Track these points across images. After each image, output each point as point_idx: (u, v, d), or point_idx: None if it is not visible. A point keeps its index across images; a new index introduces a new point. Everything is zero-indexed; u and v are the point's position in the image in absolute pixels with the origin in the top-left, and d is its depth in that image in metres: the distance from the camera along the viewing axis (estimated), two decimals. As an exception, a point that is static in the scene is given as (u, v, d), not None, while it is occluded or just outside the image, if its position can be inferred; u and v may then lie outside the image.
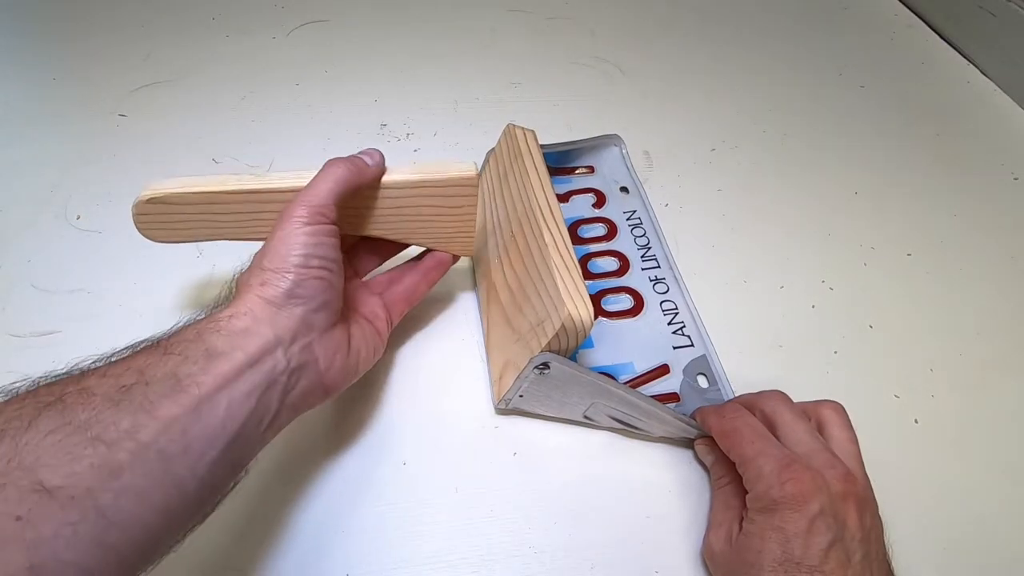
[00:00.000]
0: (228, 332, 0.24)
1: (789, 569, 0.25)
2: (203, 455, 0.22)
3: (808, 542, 0.25)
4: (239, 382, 0.23)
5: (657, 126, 0.54)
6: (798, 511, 0.25)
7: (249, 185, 0.30)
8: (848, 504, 0.26)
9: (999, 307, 0.43)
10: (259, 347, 0.24)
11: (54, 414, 0.19)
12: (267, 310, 0.25)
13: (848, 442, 0.29)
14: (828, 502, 0.25)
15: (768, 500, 0.26)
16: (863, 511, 0.26)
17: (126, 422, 0.20)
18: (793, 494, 0.25)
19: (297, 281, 0.26)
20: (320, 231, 0.27)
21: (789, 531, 0.25)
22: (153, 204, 0.30)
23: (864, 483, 0.28)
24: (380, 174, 0.31)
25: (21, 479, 0.18)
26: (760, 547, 0.26)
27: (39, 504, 0.17)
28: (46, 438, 0.19)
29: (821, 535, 0.25)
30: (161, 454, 0.20)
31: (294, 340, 0.26)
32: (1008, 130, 0.56)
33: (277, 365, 0.25)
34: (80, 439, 0.19)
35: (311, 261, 0.26)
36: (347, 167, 0.29)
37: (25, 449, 0.18)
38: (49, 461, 0.18)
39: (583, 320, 0.28)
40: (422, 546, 0.31)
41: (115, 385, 0.21)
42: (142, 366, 0.22)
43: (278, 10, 0.64)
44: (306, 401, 0.27)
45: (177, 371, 0.22)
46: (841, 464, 0.27)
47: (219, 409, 0.22)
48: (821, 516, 0.25)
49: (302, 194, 0.28)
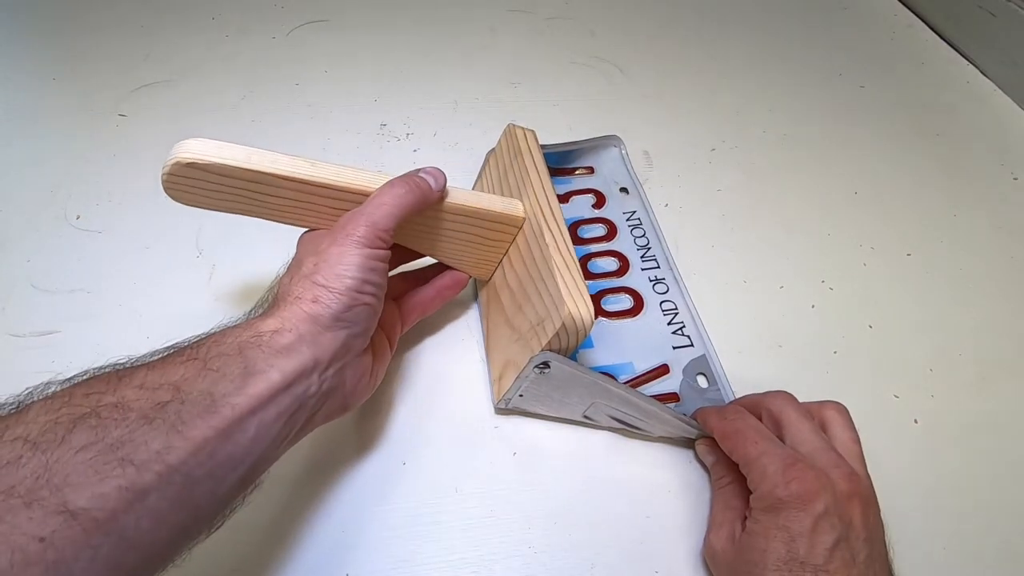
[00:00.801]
0: (269, 349, 0.23)
1: (793, 568, 0.25)
2: (225, 479, 0.22)
3: (813, 541, 0.25)
4: (271, 405, 0.23)
5: (657, 126, 0.54)
6: (803, 510, 0.25)
7: (303, 173, 0.28)
8: (853, 504, 0.26)
9: (999, 307, 0.43)
10: (297, 369, 0.24)
11: (87, 429, 0.19)
12: (313, 329, 0.25)
13: (851, 442, 0.29)
14: (833, 501, 0.25)
15: (773, 499, 0.26)
16: (867, 511, 0.26)
17: (157, 443, 0.20)
18: (798, 493, 0.25)
19: (349, 305, 0.25)
20: (377, 255, 0.26)
21: (794, 530, 0.25)
22: (192, 168, 0.27)
23: (868, 483, 0.28)
24: (442, 198, 0.30)
25: (48, 499, 0.18)
26: (764, 546, 0.26)
27: (63, 527, 0.18)
28: (77, 455, 0.19)
29: (826, 534, 0.25)
30: (187, 478, 0.20)
31: (331, 364, 0.25)
32: (1008, 130, 0.56)
33: (310, 388, 0.24)
34: (110, 459, 0.19)
35: (365, 287, 0.26)
36: (414, 191, 0.28)
37: (55, 466, 0.18)
38: (77, 480, 0.18)
39: (583, 319, 0.28)
40: (422, 546, 0.31)
41: (151, 400, 0.21)
42: (179, 381, 0.22)
43: (278, 10, 0.64)
44: (325, 420, 0.27)
45: (213, 390, 0.22)
46: (845, 464, 0.27)
47: (248, 433, 0.22)
48: (826, 515, 0.25)
49: (365, 212, 0.27)
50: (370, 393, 0.30)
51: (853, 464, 0.28)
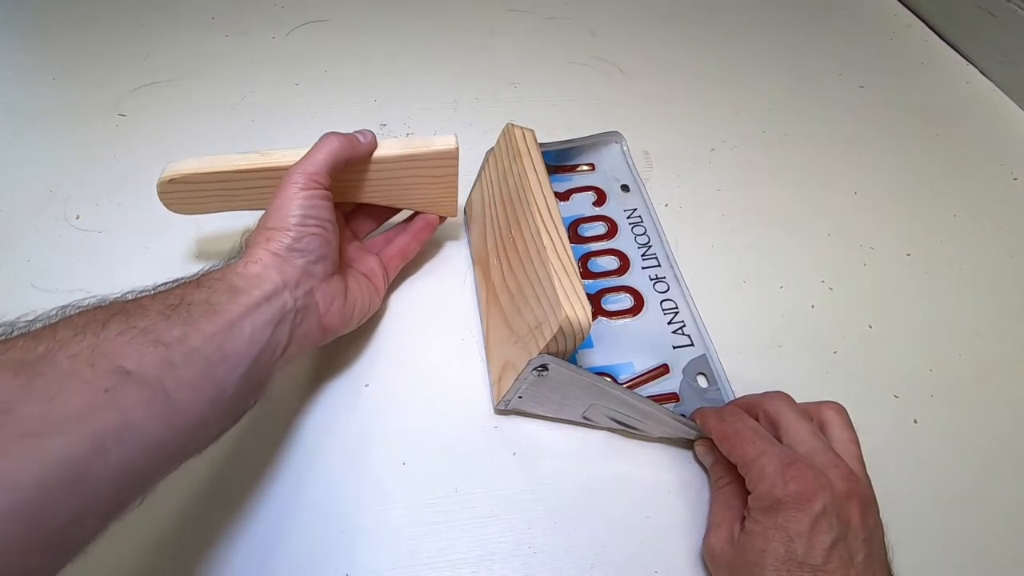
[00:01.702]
0: (245, 275, 0.28)
1: (792, 568, 0.25)
2: (236, 367, 0.26)
3: (811, 541, 0.25)
4: (258, 313, 0.27)
5: (657, 126, 0.54)
6: (801, 510, 0.25)
7: (256, 163, 0.35)
8: (851, 504, 0.26)
9: (999, 307, 0.43)
10: (270, 288, 0.29)
11: (120, 319, 0.23)
12: (274, 260, 0.29)
13: (850, 443, 0.29)
14: (831, 501, 0.26)
15: (771, 499, 0.26)
16: (866, 511, 0.26)
17: (177, 331, 0.24)
18: (796, 493, 0.26)
19: (296, 237, 0.30)
20: (314, 195, 0.31)
21: (792, 530, 0.25)
22: (174, 184, 0.35)
23: (866, 483, 0.28)
24: (371, 150, 0.35)
25: (104, 363, 0.22)
26: (763, 546, 0.26)
27: (121, 381, 0.21)
28: (117, 337, 0.23)
29: (824, 534, 0.25)
30: (206, 360, 0.25)
31: (297, 285, 0.30)
32: (1008, 130, 0.56)
33: (286, 304, 0.29)
34: (144, 340, 0.23)
35: (307, 221, 0.31)
36: (340, 140, 0.33)
37: (102, 345, 0.22)
38: (122, 352, 0.22)
39: (580, 322, 0.28)
40: (422, 546, 0.31)
41: (164, 304, 0.25)
42: (182, 293, 0.26)
43: (278, 10, 0.64)
44: (309, 337, 0.31)
45: (210, 299, 0.26)
46: (844, 464, 0.27)
47: (245, 332, 0.27)
48: (824, 515, 0.25)
49: (299, 163, 0.32)
50: (351, 323, 0.34)
51: (852, 464, 0.28)
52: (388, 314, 0.40)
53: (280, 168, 0.34)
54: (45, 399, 0.20)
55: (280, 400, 0.35)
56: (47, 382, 0.20)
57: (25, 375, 0.20)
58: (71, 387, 0.20)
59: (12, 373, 0.20)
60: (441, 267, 0.43)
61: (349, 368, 0.37)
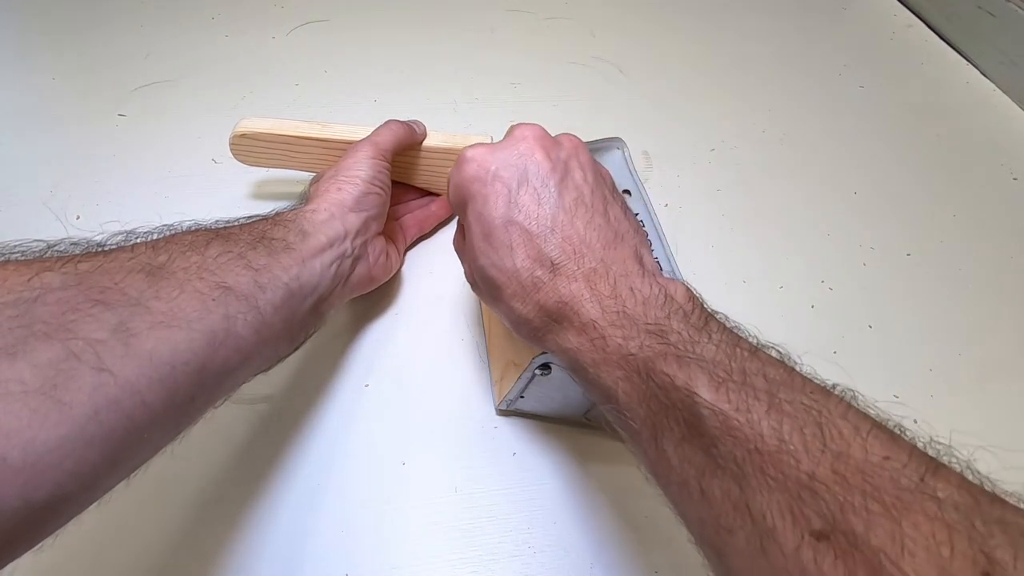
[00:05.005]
0: (314, 221, 0.32)
1: (509, 226, 0.26)
2: (306, 299, 0.30)
3: (495, 204, 0.26)
4: (324, 254, 0.31)
5: (657, 126, 0.54)
6: (475, 191, 0.27)
7: (316, 134, 0.41)
8: (521, 156, 0.27)
9: (999, 307, 0.43)
10: (335, 234, 0.32)
11: (219, 242, 0.27)
12: (340, 211, 0.33)
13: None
14: (494, 167, 0.27)
15: (455, 200, 0.28)
16: (542, 155, 0.27)
17: (263, 259, 0.28)
18: (464, 180, 0.27)
19: (364, 192, 0.35)
20: (380, 165, 0.36)
21: (479, 206, 0.27)
22: (245, 138, 0.41)
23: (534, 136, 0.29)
24: (423, 139, 0.42)
25: (209, 278, 0.25)
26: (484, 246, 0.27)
27: (223, 294, 0.25)
28: (217, 258, 0.26)
29: (501, 191, 0.26)
30: (286, 287, 0.28)
31: (356, 235, 0.34)
32: (1008, 130, 0.56)
33: (346, 249, 0.33)
34: (239, 263, 0.26)
35: (375, 180, 0.36)
36: (404, 127, 0.39)
37: (208, 260, 0.25)
38: (223, 271, 0.26)
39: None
40: (422, 546, 0.31)
41: (249, 235, 0.29)
42: (263, 229, 0.30)
43: (278, 10, 0.64)
44: (361, 283, 0.35)
45: (286, 237, 0.30)
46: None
47: (316, 269, 0.30)
48: (496, 179, 0.27)
49: (370, 137, 0.38)
50: (389, 274, 0.38)
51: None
52: (388, 314, 0.40)
53: (334, 141, 0.40)
54: (169, 299, 0.23)
55: (281, 400, 0.35)
56: (170, 286, 0.23)
57: (152, 278, 0.23)
58: (188, 293, 0.24)
59: (145, 274, 0.23)
60: (442, 267, 0.43)
61: (349, 368, 0.37)
